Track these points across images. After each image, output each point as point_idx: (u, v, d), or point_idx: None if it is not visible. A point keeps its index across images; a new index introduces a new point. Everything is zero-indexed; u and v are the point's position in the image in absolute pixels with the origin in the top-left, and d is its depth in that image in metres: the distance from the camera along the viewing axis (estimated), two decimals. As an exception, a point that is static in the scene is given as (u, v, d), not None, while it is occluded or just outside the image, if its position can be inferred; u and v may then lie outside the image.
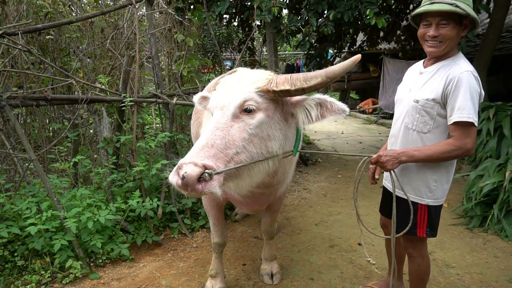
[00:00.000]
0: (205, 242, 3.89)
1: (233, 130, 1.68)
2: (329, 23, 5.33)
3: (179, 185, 1.49)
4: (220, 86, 1.88)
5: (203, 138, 1.64)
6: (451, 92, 1.98)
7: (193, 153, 1.57)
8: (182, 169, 1.47)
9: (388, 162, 2.10)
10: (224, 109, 1.72)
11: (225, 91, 1.79)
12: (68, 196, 3.38)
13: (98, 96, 3.65)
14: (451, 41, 2.01)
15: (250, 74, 1.89)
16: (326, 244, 3.84)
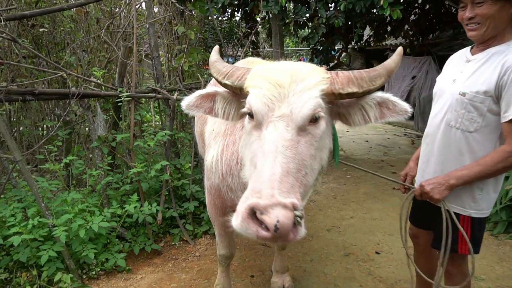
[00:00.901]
0: (209, 250, 3.57)
1: (301, 147, 1.30)
2: (340, 14, 5.01)
3: (264, 237, 1.07)
4: (260, 83, 1.38)
5: (276, 163, 1.21)
6: (507, 84, 1.66)
7: (272, 186, 1.14)
8: (269, 214, 1.06)
9: (433, 191, 1.82)
10: (286, 120, 1.29)
11: (277, 93, 1.33)
12: (58, 200, 3.06)
13: (91, 91, 3.32)
14: (493, 20, 1.70)
15: (299, 67, 1.44)
16: (341, 253, 3.53)
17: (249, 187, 1.23)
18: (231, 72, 1.53)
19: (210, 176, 2.17)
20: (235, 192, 2.07)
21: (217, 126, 2.13)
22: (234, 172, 1.98)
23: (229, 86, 1.53)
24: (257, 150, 1.33)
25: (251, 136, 1.41)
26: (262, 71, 1.44)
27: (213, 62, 1.65)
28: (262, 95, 1.35)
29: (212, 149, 2.11)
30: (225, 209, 2.36)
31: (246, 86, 1.44)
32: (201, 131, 2.64)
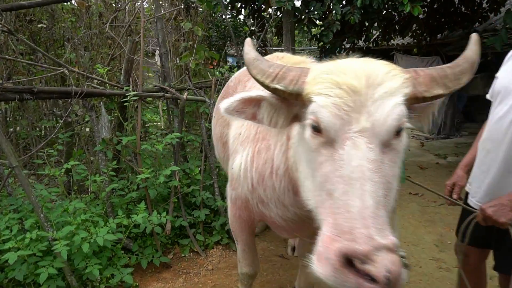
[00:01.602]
0: (222, 263, 3.29)
1: (385, 167, 1.06)
2: (356, 10, 4.74)
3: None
4: (328, 89, 1.09)
5: (365, 193, 0.97)
6: None
7: (367, 224, 0.93)
8: (375, 263, 0.86)
9: (497, 214, 1.58)
10: (367, 136, 1.04)
11: (353, 101, 1.05)
12: (59, 210, 2.77)
13: (95, 89, 3.03)
14: None
15: (373, 66, 1.13)
16: (365, 266, 3.26)
17: (331, 222, 1.00)
18: (282, 73, 1.21)
19: (236, 186, 1.89)
20: (267, 205, 1.79)
21: (244, 129, 1.85)
22: (268, 182, 1.70)
23: (279, 91, 1.21)
24: (332, 173, 1.06)
25: (319, 155, 1.13)
26: (327, 72, 1.13)
27: (253, 59, 1.31)
28: (333, 105, 1.06)
29: (240, 155, 1.84)
30: (252, 223, 2.09)
31: (308, 92, 1.13)
32: (221, 133, 2.37)
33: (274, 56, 2.30)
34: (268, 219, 1.88)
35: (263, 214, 1.87)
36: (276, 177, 1.66)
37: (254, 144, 1.77)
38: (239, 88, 2.23)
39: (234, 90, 2.31)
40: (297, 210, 1.72)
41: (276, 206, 1.75)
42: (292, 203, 1.69)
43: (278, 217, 1.80)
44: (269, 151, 1.69)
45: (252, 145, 1.78)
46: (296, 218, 1.78)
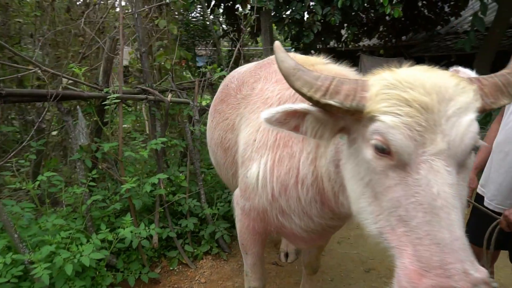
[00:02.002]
0: (215, 275, 3.11)
1: (460, 188, 0.99)
2: (336, 11, 4.74)
3: None
4: (398, 107, 0.99)
5: (453, 222, 0.91)
6: None
7: (459, 257, 0.87)
8: None
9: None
10: (444, 158, 0.96)
11: (426, 120, 0.96)
12: (34, 228, 2.45)
13: (73, 92, 2.73)
14: None
15: (441, 79, 1.03)
16: (360, 269, 3.23)
17: (411, 254, 0.94)
18: (334, 87, 1.09)
19: (251, 196, 1.74)
20: (288, 216, 1.66)
21: (261, 135, 1.70)
22: (292, 193, 1.57)
23: (333, 108, 1.09)
24: (406, 200, 0.98)
25: (386, 178, 1.04)
26: (392, 87, 1.02)
27: (293, 69, 1.16)
28: (404, 125, 0.97)
29: (256, 163, 1.69)
30: (266, 236, 1.95)
31: (372, 110, 1.03)
32: (222, 138, 2.19)
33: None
34: (287, 230, 1.75)
35: (282, 226, 1.73)
36: (302, 187, 1.54)
37: (273, 151, 1.63)
38: (245, 90, 2.07)
39: (237, 92, 2.15)
40: (322, 220, 1.61)
41: (300, 218, 1.62)
42: (319, 214, 1.58)
43: (299, 229, 1.68)
44: (293, 159, 1.56)
45: (271, 152, 1.64)
46: (319, 228, 1.67)
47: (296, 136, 1.56)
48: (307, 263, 2.41)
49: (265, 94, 1.82)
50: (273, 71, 1.93)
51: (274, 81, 1.85)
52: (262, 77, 1.97)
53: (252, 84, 2.03)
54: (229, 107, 2.16)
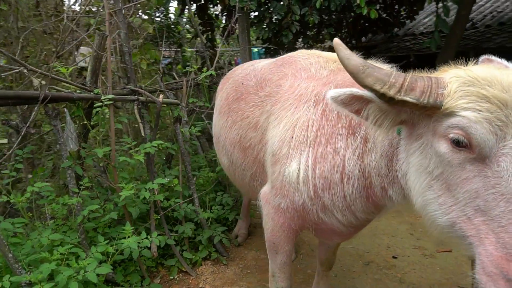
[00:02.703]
0: (218, 281, 3.01)
1: None
2: (314, 11, 4.82)
3: None
4: (478, 104, 1.05)
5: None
6: None
7: None
8: None
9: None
10: None
11: (506, 118, 1.02)
12: (28, 245, 2.20)
13: (63, 93, 2.48)
14: None
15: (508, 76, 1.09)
16: (359, 262, 3.30)
17: (495, 242, 1.00)
18: (408, 83, 1.13)
19: (291, 194, 1.70)
20: (330, 212, 1.65)
21: (299, 132, 1.67)
22: (337, 189, 1.56)
23: (408, 103, 1.13)
24: (486, 191, 1.04)
25: (462, 171, 1.08)
26: (470, 84, 1.08)
27: (362, 66, 1.18)
28: (486, 120, 1.02)
29: (296, 160, 1.65)
30: (298, 233, 1.91)
31: (451, 106, 1.07)
32: (241, 137, 2.13)
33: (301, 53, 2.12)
34: (326, 226, 1.74)
35: (322, 222, 1.71)
36: (348, 183, 1.53)
37: (314, 147, 1.60)
38: (268, 87, 2.01)
39: (259, 90, 2.08)
40: (364, 215, 1.63)
41: (342, 213, 1.62)
42: (362, 209, 1.59)
43: (339, 224, 1.67)
44: (337, 155, 1.54)
45: (312, 148, 1.61)
46: (357, 223, 1.69)
47: (340, 133, 1.55)
48: (325, 260, 2.41)
49: (298, 90, 1.78)
50: (301, 67, 1.90)
51: (305, 78, 1.83)
52: (289, 74, 1.93)
53: (277, 81, 1.98)
54: (249, 105, 2.09)
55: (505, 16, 7.43)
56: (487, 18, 7.79)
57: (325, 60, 1.90)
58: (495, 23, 7.35)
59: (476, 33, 7.32)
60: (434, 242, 3.67)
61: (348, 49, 1.25)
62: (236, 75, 2.54)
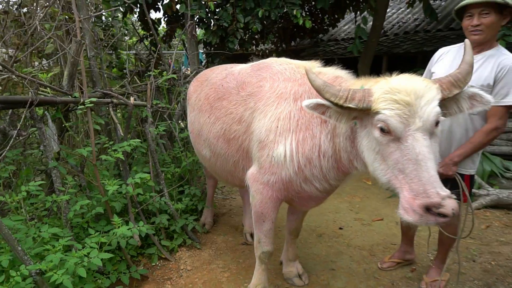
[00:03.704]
0: (197, 262, 3.36)
1: (433, 147, 1.63)
2: (257, 20, 5.36)
3: (441, 222, 1.50)
4: (391, 105, 1.60)
5: (429, 168, 1.55)
6: (502, 78, 2.29)
7: (434, 185, 1.52)
8: (445, 207, 1.47)
9: (446, 170, 2.34)
10: (421, 131, 1.58)
11: (408, 110, 1.58)
12: (29, 241, 2.34)
13: (48, 97, 2.61)
14: (492, 29, 2.32)
15: (416, 84, 1.63)
16: (314, 235, 3.91)
17: (407, 189, 1.58)
18: (351, 95, 1.71)
19: (278, 171, 2.17)
20: (310, 182, 2.16)
21: (282, 122, 2.15)
22: (316, 163, 2.08)
23: (352, 109, 1.71)
24: (402, 158, 1.61)
25: (388, 147, 1.66)
26: (387, 93, 1.64)
27: (322, 86, 1.76)
28: (397, 115, 1.60)
29: (282, 144, 2.13)
30: (281, 203, 2.40)
31: (376, 108, 1.65)
32: (225, 131, 2.53)
33: (273, 60, 2.59)
34: (305, 194, 2.25)
35: (302, 191, 2.22)
36: (324, 159, 2.06)
37: (296, 133, 2.10)
38: (249, 88, 2.40)
39: (240, 90, 2.47)
40: (334, 182, 2.17)
41: (320, 182, 2.14)
42: (334, 178, 2.13)
43: (316, 191, 2.20)
44: (314, 139, 2.06)
45: (295, 134, 2.10)
46: (330, 188, 2.23)
47: (315, 121, 2.07)
48: (293, 229, 2.93)
49: (278, 90, 2.25)
50: (277, 72, 2.37)
51: (282, 80, 2.30)
52: (267, 77, 2.38)
53: (257, 83, 2.42)
54: (231, 103, 2.50)
55: (408, 26, 8.84)
56: (395, 27, 9.17)
57: (296, 66, 2.40)
58: (401, 32, 8.71)
59: (387, 40, 8.60)
60: (369, 214, 4.45)
61: (314, 73, 1.82)
62: (213, 79, 2.92)
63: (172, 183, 4.03)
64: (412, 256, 3.24)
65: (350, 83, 2.03)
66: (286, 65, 2.41)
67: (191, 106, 3.16)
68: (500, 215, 4.32)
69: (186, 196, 3.91)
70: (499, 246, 3.57)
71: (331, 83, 1.89)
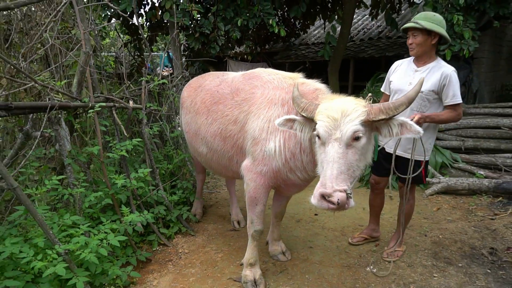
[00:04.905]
0: (193, 246, 3.81)
1: (349, 155, 2.10)
2: (236, 28, 5.86)
3: (331, 208, 1.97)
4: (323, 118, 2.14)
5: (333, 168, 2.04)
6: (447, 85, 2.93)
7: (333, 180, 2.00)
8: (333, 196, 1.94)
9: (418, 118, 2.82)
10: (338, 141, 2.09)
11: (333, 124, 2.10)
12: (55, 227, 2.72)
13: (64, 102, 2.98)
14: (421, 46, 2.98)
15: (347, 105, 2.14)
16: (293, 221, 4.46)
17: (320, 181, 2.10)
18: (306, 107, 2.31)
19: (269, 162, 2.69)
20: (293, 172, 2.69)
21: (273, 123, 2.65)
22: (298, 157, 2.62)
23: (305, 117, 2.31)
24: (323, 158, 2.17)
25: (319, 149, 2.24)
26: (324, 109, 2.20)
27: (295, 97, 2.37)
28: (325, 126, 2.15)
29: (272, 141, 2.64)
30: (271, 189, 2.91)
31: (315, 118, 2.22)
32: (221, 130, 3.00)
33: (262, 70, 3.08)
34: (290, 181, 2.77)
35: (287, 179, 2.75)
36: (304, 154, 2.60)
37: (283, 133, 2.62)
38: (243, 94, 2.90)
39: (234, 96, 2.96)
40: (312, 173, 2.71)
41: (301, 172, 2.68)
42: (311, 169, 2.67)
43: (298, 179, 2.74)
44: (297, 137, 2.59)
45: (282, 133, 2.62)
46: (309, 178, 2.77)
47: None
48: (278, 212, 3.45)
49: (269, 96, 2.75)
50: (266, 81, 2.87)
51: (271, 88, 2.80)
52: (259, 85, 2.87)
53: (249, 90, 2.90)
54: (227, 107, 2.98)
55: (372, 32, 9.63)
56: (360, 33, 9.94)
57: (283, 76, 2.90)
58: (366, 38, 9.49)
59: (354, 45, 9.35)
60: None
61: (297, 88, 2.44)
62: (206, 85, 3.38)
63: (165, 178, 4.45)
64: (378, 234, 3.86)
65: (325, 96, 2.55)
66: (274, 75, 2.92)
67: (186, 109, 3.61)
68: (449, 199, 5.07)
69: (179, 189, 4.35)
70: (447, 223, 4.28)
71: (311, 93, 2.44)
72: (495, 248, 3.59)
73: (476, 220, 4.34)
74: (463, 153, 5.87)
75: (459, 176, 5.45)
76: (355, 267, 3.37)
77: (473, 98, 7.54)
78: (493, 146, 5.78)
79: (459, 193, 5.20)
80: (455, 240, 3.83)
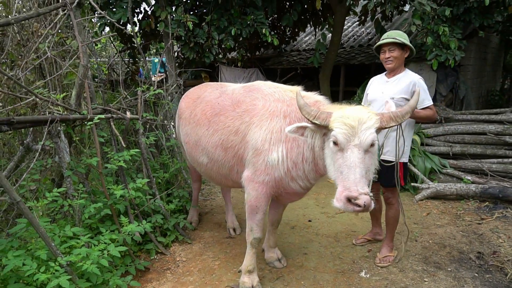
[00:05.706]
0: (190, 255, 3.87)
1: (366, 160, 2.27)
2: (229, 37, 5.96)
3: (357, 210, 2.14)
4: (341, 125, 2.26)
5: (356, 172, 2.19)
6: (414, 92, 3.09)
7: (357, 184, 2.16)
8: (359, 199, 2.10)
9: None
10: (358, 147, 2.23)
11: (351, 131, 2.23)
12: (56, 239, 2.76)
13: (63, 115, 3.03)
14: (398, 59, 3.27)
15: (362, 113, 2.29)
16: (288, 227, 4.56)
17: (341, 184, 2.25)
18: (318, 115, 2.40)
19: (272, 172, 2.78)
20: (295, 181, 2.80)
21: (275, 134, 2.75)
22: (300, 166, 2.73)
23: (317, 124, 2.41)
24: (342, 163, 2.29)
25: (336, 155, 2.34)
26: (340, 117, 2.32)
27: (302, 106, 2.45)
28: (343, 133, 2.28)
29: (275, 151, 2.74)
30: (270, 198, 3.01)
31: (331, 126, 2.33)
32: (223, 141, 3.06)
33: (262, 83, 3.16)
34: (291, 190, 2.87)
35: (289, 188, 2.85)
36: (306, 163, 2.71)
37: (286, 143, 2.73)
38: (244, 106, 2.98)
39: (235, 108, 3.02)
40: (313, 181, 2.83)
41: (302, 181, 2.79)
42: (313, 178, 2.78)
43: (299, 188, 2.84)
44: (299, 148, 2.70)
45: (285, 144, 2.72)
46: (310, 186, 2.89)
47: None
48: (275, 220, 3.54)
49: (270, 108, 2.84)
50: (267, 93, 2.95)
51: (273, 100, 2.89)
52: (259, 97, 2.95)
53: (250, 102, 2.97)
54: (228, 118, 3.04)
55: (362, 39, 9.83)
56: (350, 40, 10.13)
57: (284, 89, 2.99)
58: (356, 45, 9.68)
59: (344, 52, 9.52)
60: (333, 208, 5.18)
61: (301, 96, 2.47)
62: (206, 97, 3.44)
63: (161, 187, 4.50)
64: (381, 237, 4.00)
65: (325, 107, 2.67)
66: (274, 88, 3.01)
67: (185, 120, 3.68)
68: (438, 204, 5.23)
69: (175, 198, 4.41)
70: (436, 228, 4.43)
71: (312, 105, 2.54)
72: (482, 252, 3.74)
73: (464, 224, 4.50)
74: (451, 159, 6.05)
75: (448, 182, 5.62)
76: (349, 273, 3.48)
77: (460, 104, 7.77)
78: (479, 152, 5.98)
79: (447, 198, 5.36)
80: (444, 245, 3.97)
